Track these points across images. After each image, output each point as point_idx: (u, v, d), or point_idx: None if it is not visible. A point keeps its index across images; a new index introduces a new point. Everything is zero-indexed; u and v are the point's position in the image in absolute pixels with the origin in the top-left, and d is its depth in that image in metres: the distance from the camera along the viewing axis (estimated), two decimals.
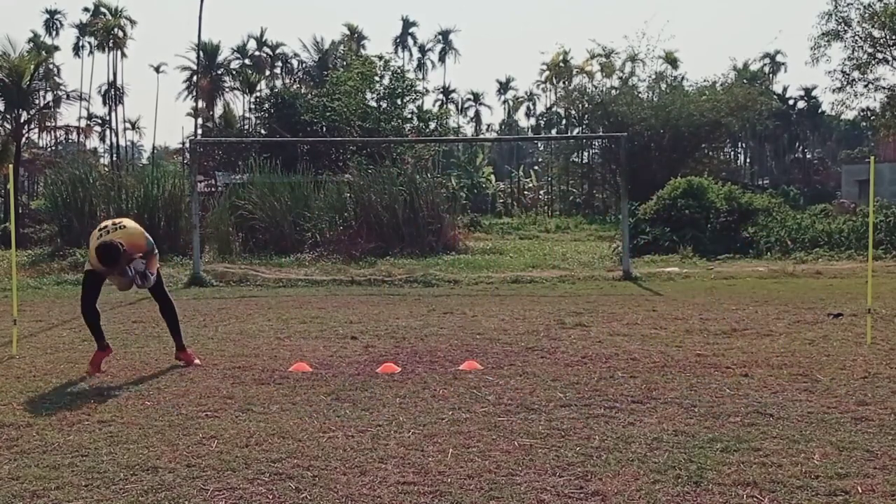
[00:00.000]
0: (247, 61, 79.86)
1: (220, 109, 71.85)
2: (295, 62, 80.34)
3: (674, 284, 14.44)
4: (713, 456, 4.53)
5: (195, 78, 72.13)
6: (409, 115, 35.39)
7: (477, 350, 7.93)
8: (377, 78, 34.35)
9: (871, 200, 10.49)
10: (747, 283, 14.29)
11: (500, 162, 78.49)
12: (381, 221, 20.80)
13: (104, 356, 7.12)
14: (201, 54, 69.67)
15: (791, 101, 79.72)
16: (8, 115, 44.77)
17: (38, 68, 46.15)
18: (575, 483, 4.16)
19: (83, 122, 72.55)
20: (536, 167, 71.79)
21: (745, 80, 54.23)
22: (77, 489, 4.15)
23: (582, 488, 4.09)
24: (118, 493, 4.09)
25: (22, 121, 45.46)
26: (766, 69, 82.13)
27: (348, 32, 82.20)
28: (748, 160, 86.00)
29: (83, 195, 21.22)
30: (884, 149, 48.83)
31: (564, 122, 67.40)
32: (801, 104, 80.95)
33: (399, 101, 34.47)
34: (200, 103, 71.84)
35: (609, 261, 19.03)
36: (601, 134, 43.03)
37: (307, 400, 5.95)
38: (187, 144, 50.41)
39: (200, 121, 66.85)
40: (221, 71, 77.39)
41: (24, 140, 48.51)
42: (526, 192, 62.44)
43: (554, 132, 71.28)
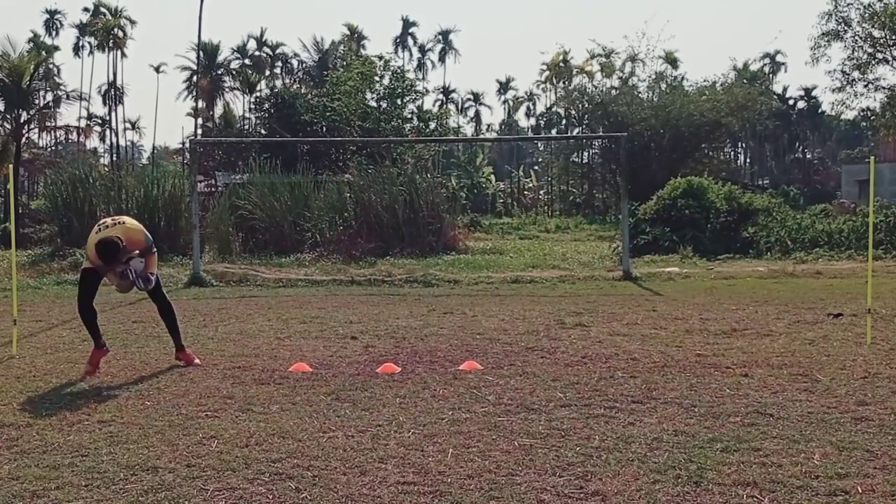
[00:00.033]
0: (247, 61, 79.90)
1: (220, 109, 71.89)
2: (295, 62, 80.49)
3: (674, 284, 14.44)
4: (713, 456, 4.53)
5: (195, 78, 72.17)
6: (409, 115, 35.40)
7: (477, 350, 7.93)
8: (377, 78, 34.37)
9: (871, 200, 10.49)
10: (747, 283, 14.29)
11: (500, 162, 78.49)
12: (381, 221, 20.80)
13: (102, 355, 7.12)
14: (201, 54, 69.69)
15: (791, 101, 79.76)
16: (8, 115, 44.76)
17: (38, 68, 46.11)
18: (575, 483, 4.16)
19: (83, 122, 72.65)
20: (536, 167, 71.76)
21: (745, 80, 54.24)
22: (77, 489, 4.15)
23: (582, 488, 4.09)
24: (118, 493, 4.09)
25: (22, 121, 45.44)
26: (766, 69, 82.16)
27: (348, 32, 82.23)
28: (748, 160, 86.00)
29: (83, 195, 21.23)
30: (884, 149, 48.86)
31: (564, 122, 67.42)
32: (801, 104, 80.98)
33: (399, 101, 34.49)
34: (200, 103, 71.88)
35: (609, 261, 19.04)
36: (601, 134, 43.04)
37: (307, 400, 5.95)
38: (187, 144, 50.46)
39: (200, 121, 66.92)
40: (221, 71, 77.43)
41: (24, 140, 48.50)
42: (526, 192, 62.43)
43: (554, 132, 71.30)
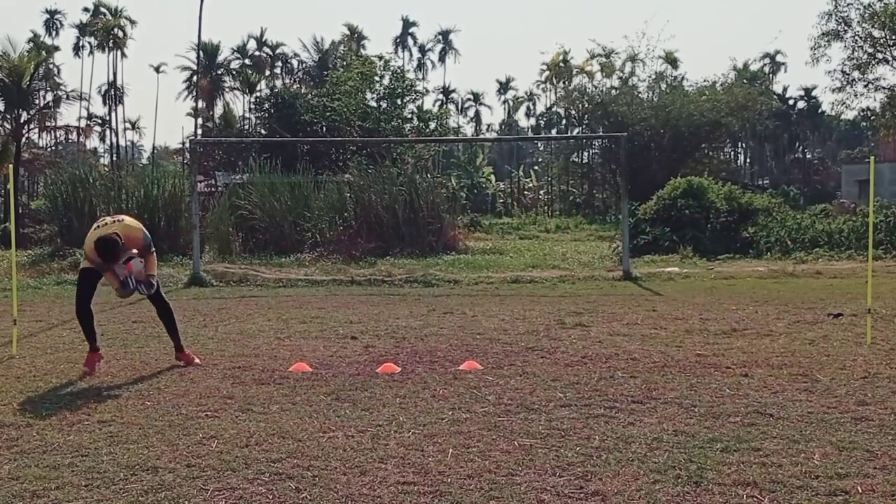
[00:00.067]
0: (247, 61, 79.91)
1: (220, 109, 71.90)
2: (295, 62, 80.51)
3: (674, 284, 14.44)
4: (713, 456, 4.53)
5: (195, 78, 72.18)
6: (409, 115, 35.41)
7: (477, 350, 7.93)
8: (377, 78, 34.38)
9: (871, 200, 10.48)
10: (747, 283, 14.29)
11: (500, 162, 78.50)
12: (381, 221, 20.80)
13: (96, 359, 7.09)
14: (201, 54, 69.70)
15: (791, 101, 79.78)
16: (8, 115, 44.79)
17: (38, 68, 46.14)
18: (575, 483, 4.16)
19: (83, 122, 72.68)
20: (536, 167, 71.77)
21: (745, 80, 54.25)
22: (77, 489, 4.15)
23: (582, 488, 4.09)
24: (118, 493, 4.09)
25: (22, 121, 45.47)
26: (766, 69, 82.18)
27: (348, 32, 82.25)
28: (748, 160, 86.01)
29: (83, 195, 21.22)
30: (884, 149, 48.85)
31: (564, 122, 67.44)
32: (801, 104, 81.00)
33: (399, 101, 34.50)
34: (200, 103, 71.88)
35: (609, 261, 19.04)
36: (601, 134, 43.04)
37: (307, 400, 5.95)
38: (187, 144, 50.45)
39: (200, 121, 66.93)
40: (221, 71, 77.46)
41: (24, 140, 48.51)
42: (526, 192, 62.43)
43: (554, 132, 71.32)
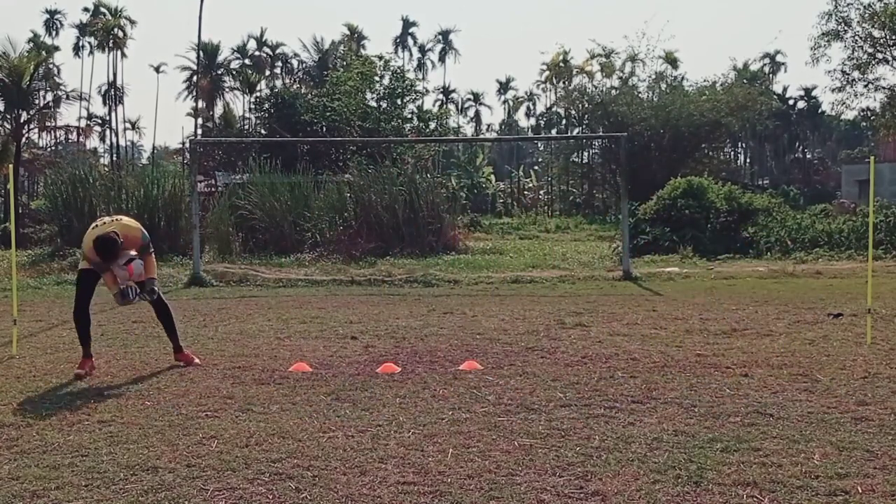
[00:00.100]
0: (247, 61, 79.93)
1: (220, 109, 71.92)
2: (295, 62, 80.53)
3: (674, 284, 14.44)
4: (713, 456, 4.53)
5: (195, 78, 72.19)
6: (409, 115, 35.41)
7: (477, 350, 7.93)
8: (377, 78, 34.38)
9: (871, 200, 10.48)
10: (747, 283, 14.29)
11: (500, 162, 78.50)
12: (381, 221, 20.80)
13: (88, 364, 7.01)
14: (201, 54, 69.71)
15: (791, 101, 79.79)
16: (8, 115, 44.79)
17: (38, 68, 46.15)
18: (575, 483, 4.16)
19: (83, 122, 72.71)
20: (536, 167, 71.79)
21: (745, 80, 54.25)
22: (77, 489, 4.15)
23: (582, 488, 4.08)
24: (118, 493, 4.09)
25: (22, 121, 45.47)
26: (766, 69, 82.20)
27: (348, 32, 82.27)
28: (748, 160, 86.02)
29: (83, 195, 21.22)
30: (884, 149, 48.86)
31: (564, 122, 67.45)
32: (801, 104, 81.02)
33: (399, 101, 34.50)
34: (200, 103, 71.89)
35: (609, 261, 19.03)
36: (601, 134, 43.04)
37: (307, 400, 5.95)
38: (187, 144, 50.45)
39: (200, 121, 66.93)
40: (221, 71, 77.46)
41: (24, 140, 48.51)
42: (526, 192, 62.44)
43: (554, 132, 71.33)
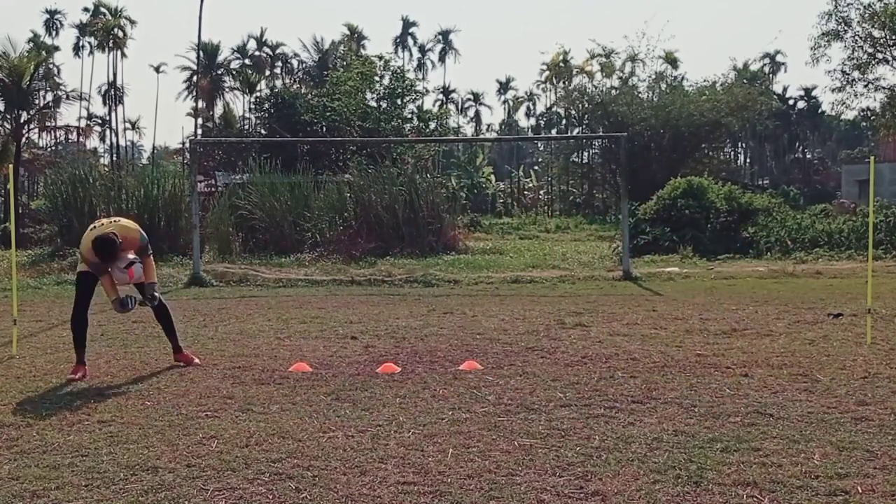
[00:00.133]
0: (247, 61, 79.91)
1: (220, 109, 71.91)
2: (295, 62, 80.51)
3: (674, 284, 14.44)
4: (713, 456, 4.53)
5: (195, 78, 72.18)
6: (409, 115, 35.40)
7: (477, 350, 7.93)
8: (377, 78, 34.37)
9: (871, 200, 10.49)
10: (747, 283, 14.29)
11: (500, 162, 78.50)
12: (381, 221, 20.79)
13: (82, 369, 6.95)
14: (201, 54, 69.70)
15: (791, 101, 79.77)
16: (8, 115, 44.78)
17: (38, 68, 46.13)
18: (575, 483, 4.16)
19: (83, 122, 72.69)
20: (536, 167, 71.77)
21: (745, 80, 54.24)
22: (77, 489, 4.15)
23: (582, 488, 4.09)
24: (118, 493, 4.09)
25: (22, 121, 45.46)
26: (766, 69, 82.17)
27: (348, 32, 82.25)
28: (748, 160, 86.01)
29: (83, 195, 21.21)
30: (884, 149, 48.86)
31: (564, 122, 67.43)
32: (801, 104, 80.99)
33: (399, 101, 34.49)
34: (200, 103, 71.89)
35: (609, 261, 19.03)
36: (601, 134, 43.03)
37: (307, 400, 5.95)
38: (187, 144, 50.45)
39: (200, 121, 66.93)
40: (221, 71, 77.45)
41: (24, 140, 48.51)
42: (526, 192, 62.44)
43: (554, 132, 71.31)
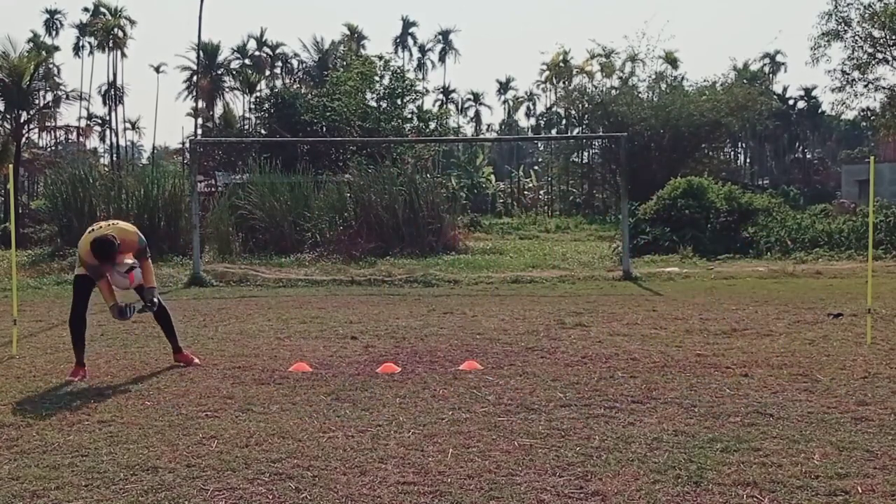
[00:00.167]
0: (247, 61, 79.90)
1: (220, 109, 71.90)
2: (295, 62, 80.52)
3: (674, 284, 14.44)
4: (713, 456, 4.53)
5: (195, 78, 72.17)
6: (409, 115, 35.42)
7: (477, 350, 7.93)
8: (377, 78, 34.38)
9: (871, 200, 10.47)
10: (747, 283, 14.29)
11: (500, 162, 78.50)
12: (381, 221, 20.79)
13: (81, 371, 6.93)
14: (201, 54, 69.69)
15: (791, 101, 79.77)
16: (8, 115, 44.79)
17: (38, 68, 46.14)
18: (575, 483, 4.16)
19: (83, 122, 72.67)
20: (536, 167, 71.77)
21: (745, 80, 54.24)
22: (77, 489, 4.15)
23: (582, 488, 4.09)
24: (118, 493, 4.09)
25: (22, 121, 45.47)
26: (766, 69, 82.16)
27: (348, 32, 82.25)
28: (748, 160, 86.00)
29: (83, 195, 21.21)
30: (884, 149, 48.87)
31: (564, 122, 67.41)
32: (801, 104, 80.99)
33: (399, 101, 34.50)
34: (200, 103, 71.87)
35: (609, 261, 19.03)
36: (601, 134, 43.03)
37: (307, 400, 5.95)
38: (187, 144, 50.44)
39: (200, 121, 66.92)
40: (221, 71, 77.44)
41: (24, 140, 48.51)
42: (526, 192, 62.44)
43: (554, 132, 71.29)
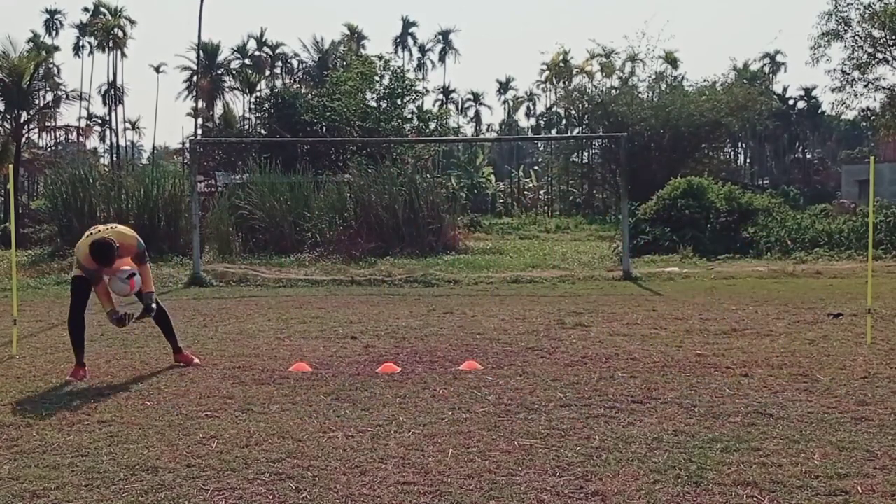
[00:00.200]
0: (247, 61, 79.90)
1: (220, 109, 71.89)
2: (295, 62, 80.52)
3: (674, 284, 14.44)
4: (713, 456, 4.53)
5: (195, 78, 72.17)
6: (409, 115, 35.42)
7: (477, 350, 7.93)
8: (377, 78, 34.38)
9: (871, 200, 10.47)
10: (747, 283, 14.29)
11: (500, 162, 78.49)
12: (381, 221, 20.79)
13: (81, 371, 6.92)
14: (201, 54, 69.68)
15: (791, 101, 79.76)
16: (8, 115, 44.80)
17: (38, 68, 46.15)
18: (575, 483, 4.16)
19: (83, 122, 72.68)
20: (536, 167, 71.76)
21: (745, 80, 54.23)
22: (77, 489, 4.15)
23: (582, 488, 4.09)
24: (118, 493, 4.09)
25: (22, 121, 45.47)
26: (766, 69, 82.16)
27: (348, 32, 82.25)
28: (748, 160, 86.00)
29: (83, 195, 21.19)
30: (884, 149, 48.87)
31: (564, 122, 67.41)
32: (801, 104, 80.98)
33: (399, 101, 34.50)
34: (200, 103, 71.87)
35: (609, 261, 19.03)
36: (601, 134, 43.03)
37: (307, 400, 5.95)
38: (187, 144, 50.44)
39: (200, 121, 66.91)
40: (221, 71, 77.43)
41: (24, 140, 48.51)
42: (526, 192, 62.44)
43: (554, 132, 71.29)
